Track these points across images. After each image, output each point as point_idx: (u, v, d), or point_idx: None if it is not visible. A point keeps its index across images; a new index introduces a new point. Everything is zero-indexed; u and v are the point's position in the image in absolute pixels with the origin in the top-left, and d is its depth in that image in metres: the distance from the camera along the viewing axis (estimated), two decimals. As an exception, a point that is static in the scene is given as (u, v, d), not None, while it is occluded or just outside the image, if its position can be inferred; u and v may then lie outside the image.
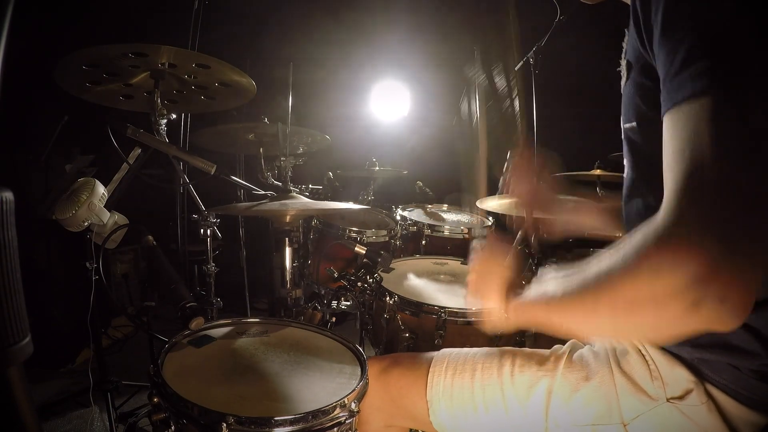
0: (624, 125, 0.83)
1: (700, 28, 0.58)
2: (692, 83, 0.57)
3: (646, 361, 0.83)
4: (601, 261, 0.64)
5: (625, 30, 0.80)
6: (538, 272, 0.84)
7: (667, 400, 0.79)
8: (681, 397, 0.78)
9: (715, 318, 0.54)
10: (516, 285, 0.91)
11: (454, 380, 0.98)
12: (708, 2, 0.59)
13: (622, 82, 0.83)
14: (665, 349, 0.82)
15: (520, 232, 1.29)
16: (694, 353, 0.78)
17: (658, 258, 0.55)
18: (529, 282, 0.86)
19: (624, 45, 0.82)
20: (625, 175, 0.88)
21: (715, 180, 0.54)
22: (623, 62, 0.82)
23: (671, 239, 0.55)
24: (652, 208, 0.79)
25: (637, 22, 0.68)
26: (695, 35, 0.58)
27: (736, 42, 0.57)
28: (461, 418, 0.96)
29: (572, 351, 0.95)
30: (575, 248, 2.34)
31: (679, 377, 0.79)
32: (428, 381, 1.00)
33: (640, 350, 0.84)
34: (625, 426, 0.82)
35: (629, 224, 0.88)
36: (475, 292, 0.95)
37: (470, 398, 0.96)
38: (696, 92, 0.57)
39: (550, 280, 0.76)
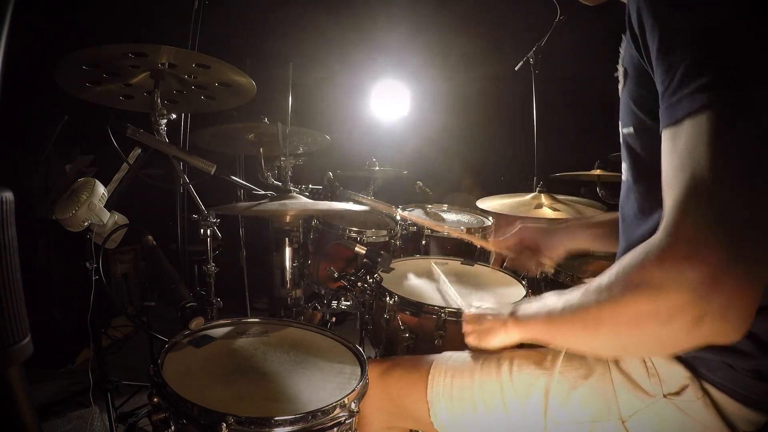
0: (622, 130, 0.83)
1: (697, 45, 0.58)
2: (690, 100, 0.58)
3: (643, 359, 0.83)
4: (603, 277, 0.65)
5: (622, 35, 0.80)
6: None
7: (664, 396, 0.80)
8: (677, 393, 0.79)
9: (718, 332, 0.55)
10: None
11: (454, 381, 0.99)
12: (705, 16, 0.59)
13: (620, 87, 0.83)
14: None
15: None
16: (690, 351, 0.79)
17: (660, 275, 0.56)
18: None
19: (621, 50, 0.83)
20: (622, 177, 0.88)
21: (713, 197, 0.55)
22: (620, 68, 0.82)
23: (672, 257, 0.55)
24: (648, 212, 0.80)
25: (633, 34, 0.68)
26: (692, 52, 0.58)
27: (734, 59, 0.57)
28: (461, 418, 0.97)
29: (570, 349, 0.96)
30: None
31: (676, 374, 0.80)
32: (428, 382, 1.00)
33: None
34: (623, 423, 0.83)
35: (626, 227, 0.88)
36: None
37: (470, 399, 0.96)
38: (694, 109, 0.57)
39: (551, 296, 0.77)
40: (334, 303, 1.97)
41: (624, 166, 0.86)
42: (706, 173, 0.55)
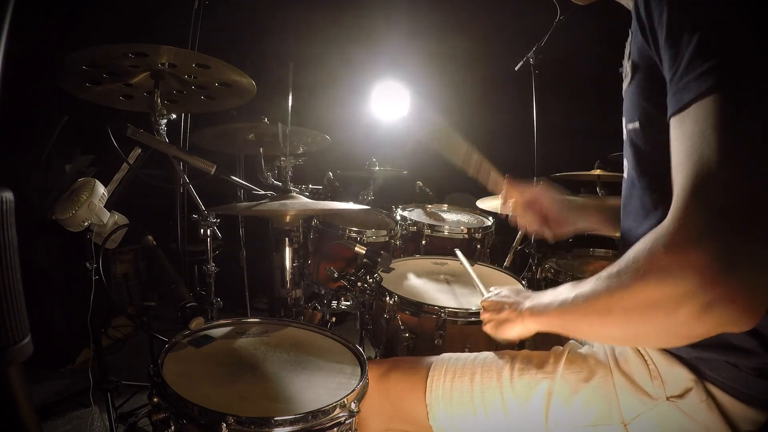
0: (626, 126, 0.83)
1: (704, 29, 0.58)
2: (697, 84, 0.57)
3: (645, 361, 0.83)
4: (614, 265, 0.64)
5: (629, 31, 0.79)
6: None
7: (667, 398, 0.79)
8: (681, 396, 0.79)
9: (728, 320, 0.54)
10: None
11: (454, 384, 0.98)
12: (711, 4, 0.59)
13: (625, 84, 0.83)
14: (664, 349, 0.82)
15: (520, 232, 1.30)
16: (692, 352, 0.78)
17: (668, 261, 0.55)
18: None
19: (627, 46, 0.82)
20: (625, 174, 0.88)
21: (722, 182, 0.54)
22: (627, 63, 0.82)
23: (679, 243, 0.55)
24: (650, 208, 0.80)
25: (642, 26, 0.68)
26: (699, 37, 0.58)
27: (741, 42, 0.57)
28: (461, 421, 0.96)
29: (571, 352, 0.96)
30: (575, 248, 2.34)
31: (679, 376, 0.79)
32: (427, 385, 1.00)
33: (638, 350, 0.84)
34: (625, 426, 0.82)
35: (627, 223, 0.88)
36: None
37: (470, 401, 0.96)
38: (701, 93, 0.57)
39: (566, 286, 0.77)
40: (334, 303, 1.97)
41: (626, 162, 0.86)
42: (714, 157, 0.54)
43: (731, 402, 0.76)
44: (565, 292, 0.76)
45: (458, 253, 1.59)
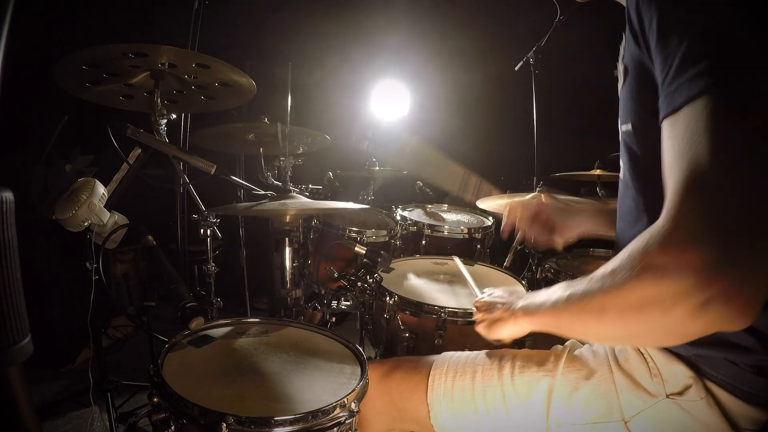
0: (620, 128, 0.83)
1: (695, 32, 0.59)
2: (689, 87, 0.58)
3: (645, 359, 0.83)
4: (608, 264, 0.64)
5: (623, 33, 0.80)
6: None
7: (667, 396, 0.80)
8: (680, 393, 0.79)
9: (724, 318, 0.54)
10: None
11: (455, 383, 0.98)
12: (702, 7, 0.59)
13: (619, 86, 0.84)
14: (663, 347, 0.82)
15: (519, 233, 1.30)
16: (691, 350, 0.79)
17: (663, 260, 0.56)
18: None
19: (621, 49, 0.83)
20: (620, 175, 0.88)
21: (714, 183, 0.54)
22: (620, 66, 0.82)
23: (673, 242, 0.55)
24: (642, 209, 0.80)
25: (633, 30, 0.69)
26: (690, 40, 0.58)
27: (731, 44, 0.57)
28: (462, 420, 0.96)
29: (571, 350, 0.96)
30: (575, 248, 2.34)
31: (678, 373, 0.80)
32: (429, 384, 1.00)
33: (638, 348, 0.85)
34: (626, 423, 0.83)
35: (623, 225, 0.89)
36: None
37: (471, 400, 0.96)
38: (692, 95, 0.57)
39: (560, 285, 0.77)
40: (334, 303, 1.96)
41: (622, 164, 0.86)
42: (705, 158, 0.55)
43: (731, 399, 0.76)
44: (558, 291, 0.76)
45: (455, 259, 1.60)
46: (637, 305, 0.60)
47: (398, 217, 2.28)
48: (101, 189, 1.38)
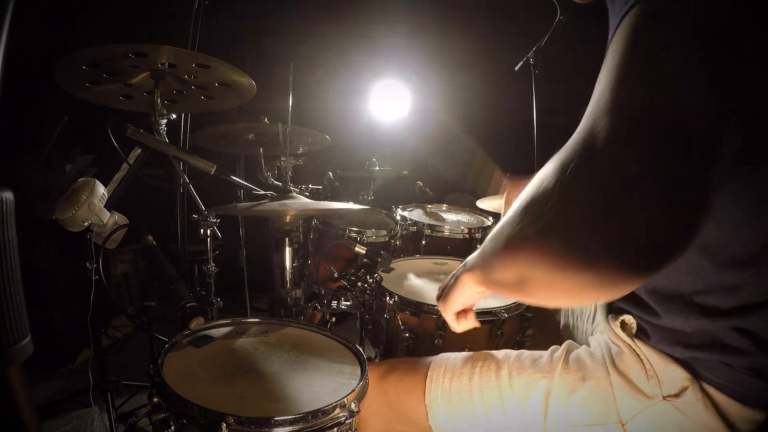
0: None
1: None
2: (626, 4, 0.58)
3: (642, 361, 0.83)
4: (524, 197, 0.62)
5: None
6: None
7: (664, 398, 0.80)
8: (677, 395, 0.79)
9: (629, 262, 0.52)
10: None
11: (453, 384, 0.98)
12: None
13: None
14: (659, 349, 0.82)
15: None
16: (686, 352, 0.79)
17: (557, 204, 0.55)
18: None
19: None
20: None
21: (618, 104, 0.54)
22: None
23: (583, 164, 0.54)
24: None
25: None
26: None
27: None
28: (460, 421, 0.96)
29: (569, 352, 0.96)
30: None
31: (674, 375, 0.79)
32: (426, 385, 1.00)
33: (634, 350, 0.84)
34: (623, 425, 0.83)
35: None
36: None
37: (469, 401, 0.96)
38: (625, 13, 0.57)
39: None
40: (334, 303, 1.96)
41: None
42: (618, 79, 0.56)
43: (728, 401, 0.76)
44: (483, 246, 0.74)
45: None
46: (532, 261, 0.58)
47: (398, 217, 2.28)
48: (101, 189, 1.38)
